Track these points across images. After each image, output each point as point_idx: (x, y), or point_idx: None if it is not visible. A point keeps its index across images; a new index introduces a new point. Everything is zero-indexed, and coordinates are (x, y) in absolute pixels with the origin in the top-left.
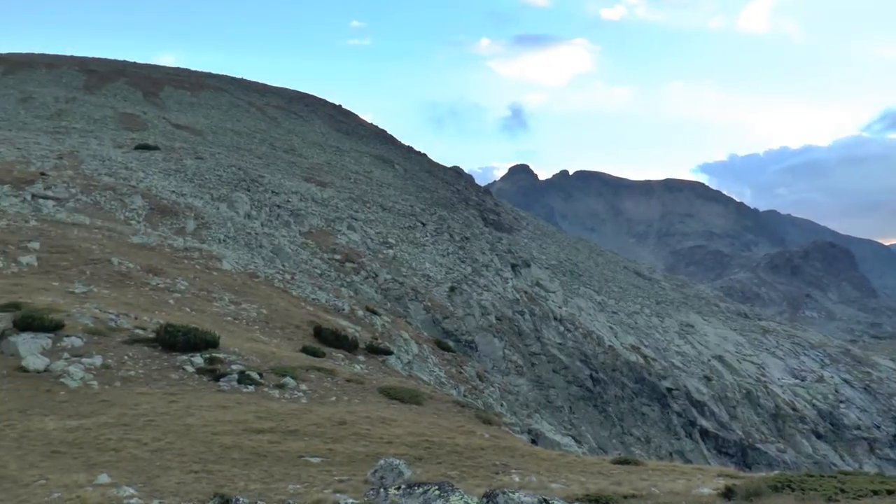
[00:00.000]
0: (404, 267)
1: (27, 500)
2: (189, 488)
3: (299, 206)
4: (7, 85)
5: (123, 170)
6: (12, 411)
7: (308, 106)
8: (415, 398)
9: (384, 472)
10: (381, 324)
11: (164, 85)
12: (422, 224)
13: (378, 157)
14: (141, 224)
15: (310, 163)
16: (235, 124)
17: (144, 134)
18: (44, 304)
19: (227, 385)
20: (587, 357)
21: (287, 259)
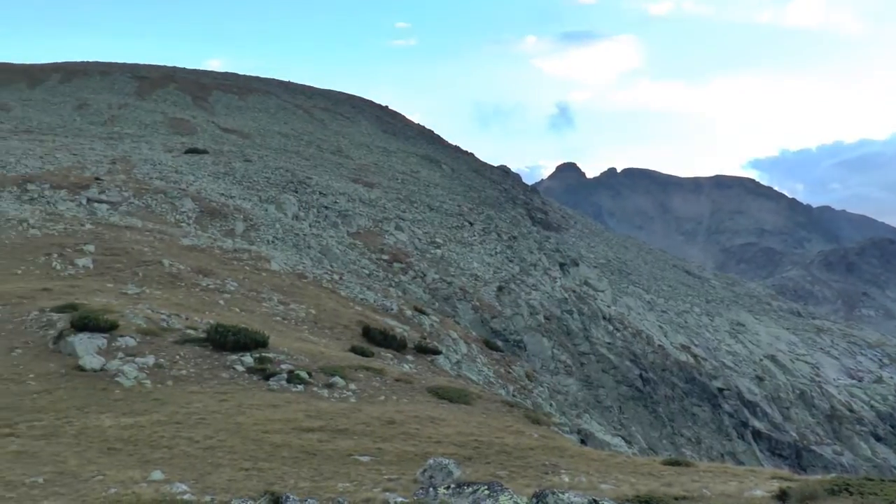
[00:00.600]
0: (452, 267)
1: (86, 496)
2: (240, 485)
3: (347, 206)
4: (64, 93)
5: (174, 173)
6: (71, 409)
7: (354, 107)
8: (464, 398)
9: (433, 471)
10: (429, 323)
11: (213, 90)
12: (469, 223)
13: (425, 157)
14: (191, 226)
15: (357, 164)
16: (283, 127)
17: (194, 138)
18: (99, 305)
19: (276, 384)
20: (636, 356)
21: (335, 259)
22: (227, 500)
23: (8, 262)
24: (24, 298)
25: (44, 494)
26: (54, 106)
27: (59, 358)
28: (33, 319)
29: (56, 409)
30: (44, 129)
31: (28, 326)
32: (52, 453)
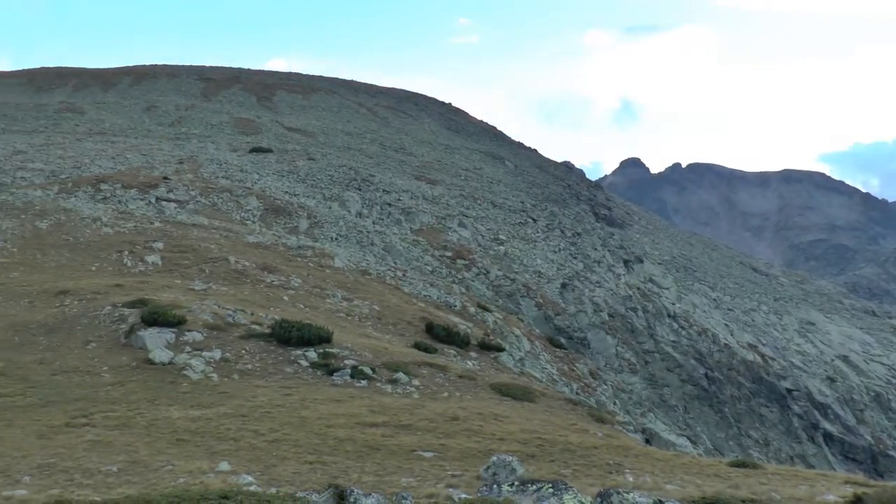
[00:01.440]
0: (515, 263)
1: (156, 484)
2: (304, 478)
3: (410, 203)
4: (133, 95)
5: (239, 172)
6: (141, 401)
7: (417, 105)
8: (527, 395)
9: (497, 468)
10: (492, 320)
11: (277, 89)
12: (533, 220)
13: (488, 154)
14: (256, 224)
15: (420, 161)
16: (346, 125)
17: (258, 137)
18: (167, 300)
19: (340, 379)
20: (702, 355)
21: (398, 256)
22: (292, 493)
23: (83, 259)
24: (98, 294)
25: (118, 482)
26: (125, 108)
27: (130, 351)
28: (106, 314)
29: (128, 401)
30: (115, 130)
31: (101, 321)
32: (125, 443)
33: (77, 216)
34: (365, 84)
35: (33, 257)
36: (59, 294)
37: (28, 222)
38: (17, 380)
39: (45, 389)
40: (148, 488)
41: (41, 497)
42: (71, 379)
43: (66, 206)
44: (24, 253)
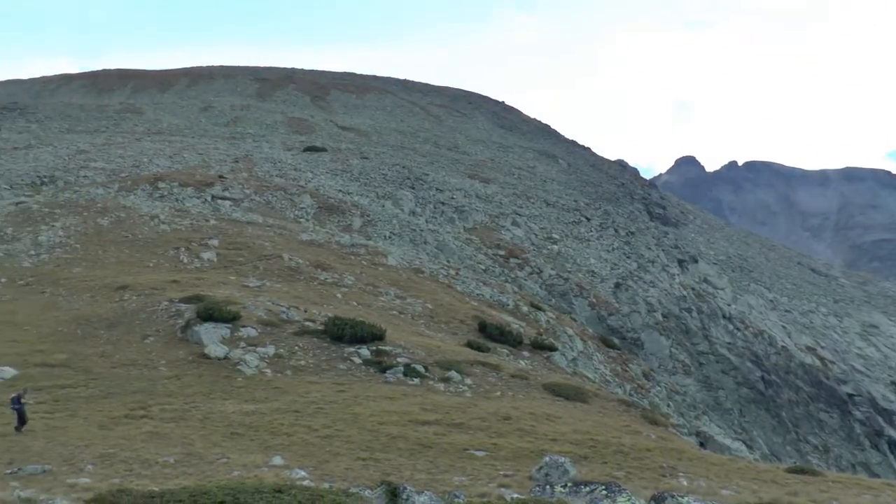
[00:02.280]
0: (569, 262)
1: (211, 477)
2: (357, 474)
3: (463, 202)
4: (190, 96)
5: (293, 171)
6: (197, 394)
7: (471, 103)
8: (580, 395)
9: (549, 469)
10: (545, 320)
11: (331, 89)
12: (586, 219)
13: (542, 152)
14: (309, 222)
15: (473, 160)
16: (399, 124)
17: (312, 136)
18: (223, 296)
19: (392, 377)
20: (758, 358)
21: (451, 255)
22: (345, 489)
23: (141, 256)
24: (156, 290)
25: (174, 473)
26: (182, 109)
27: (186, 346)
28: (163, 309)
29: (184, 394)
30: (173, 130)
31: (159, 316)
32: (181, 435)
33: (136, 213)
34: (419, 83)
35: (95, 253)
36: (119, 289)
37: (90, 219)
38: (80, 371)
39: (105, 381)
40: (203, 480)
41: (103, 485)
42: (130, 372)
43: (125, 204)
44: (87, 249)
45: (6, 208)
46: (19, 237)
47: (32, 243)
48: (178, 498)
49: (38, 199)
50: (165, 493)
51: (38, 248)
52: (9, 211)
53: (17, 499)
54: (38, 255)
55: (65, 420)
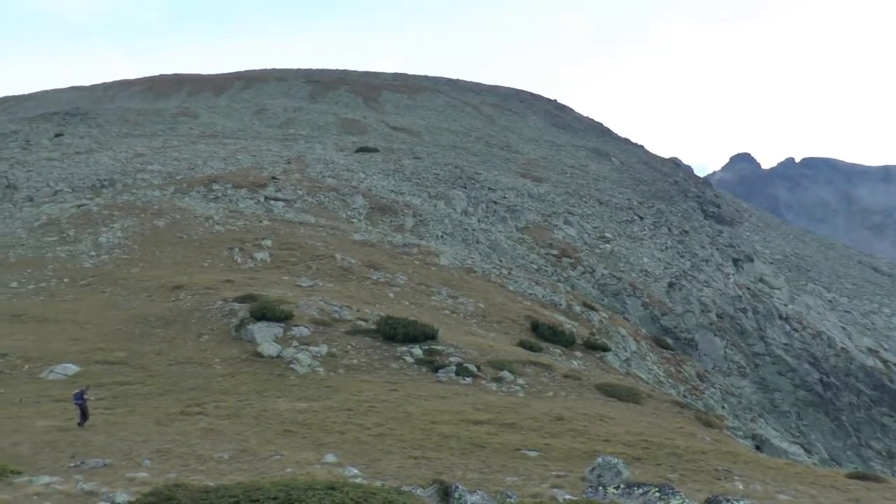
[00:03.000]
0: (622, 262)
1: (265, 473)
2: (409, 473)
3: (515, 201)
4: (244, 99)
5: (345, 171)
6: (251, 392)
7: (523, 102)
8: (633, 396)
9: (602, 470)
10: (598, 319)
11: (383, 90)
12: (639, 218)
13: (594, 151)
14: (362, 222)
15: (525, 158)
16: (451, 124)
17: (364, 137)
18: (276, 296)
19: (444, 376)
20: (816, 359)
21: (504, 254)
22: (397, 487)
23: (196, 256)
24: (210, 289)
25: (229, 469)
26: (236, 111)
27: (240, 344)
28: (217, 308)
29: (238, 392)
30: (227, 133)
31: (213, 315)
32: (235, 432)
33: (191, 215)
34: (470, 82)
35: (152, 254)
36: (175, 289)
37: (147, 221)
38: (137, 369)
39: (162, 379)
40: (257, 476)
41: (160, 480)
42: (185, 369)
43: (181, 206)
44: (144, 249)
45: (68, 211)
46: (80, 238)
47: (93, 244)
48: (233, 493)
49: (98, 202)
50: (220, 489)
51: (98, 249)
52: (71, 213)
53: (81, 491)
54: (98, 256)
55: (124, 416)
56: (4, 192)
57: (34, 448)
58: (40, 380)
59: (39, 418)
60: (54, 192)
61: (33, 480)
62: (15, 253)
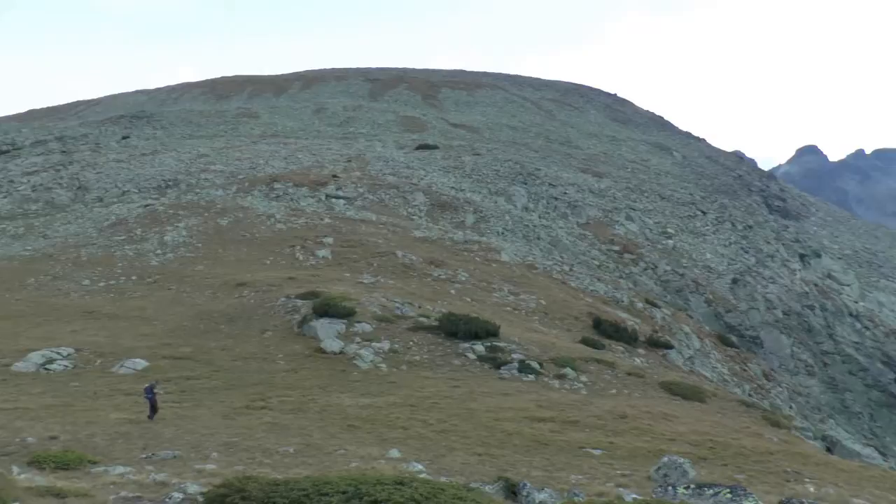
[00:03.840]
0: (684, 258)
1: (330, 467)
2: (473, 469)
3: (576, 197)
4: (304, 99)
5: (405, 169)
6: (314, 388)
7: (583, 96)
8: (697, 395)
9: (668, 469)
10: (660, 316)
11: (442, 87)
12: (702, 213)
13: (655, 145)
14: (422, 219)
15: (586, 154)
16: (511, 120)
17: (424, 134)
18: (338, 292)
19: (507, 373)
20: (890, 358)
21: (565, 250)
22: (463, 483)
23: (259, 254)
24: (273, 286)
25: (294, 463)
26: (296, 111)
27: (303, 340)
28: (280, 305)
29: (302, 387)
30: (287, 132)
31: (276, 311)
32: (300, 426)
33: (253, 213)
34: (529, 78)
35: (215, 252)
36: (238, 286)
37: (211, 220)
38: (203, 364)
39: (227, 373)
40: (322, 470)
41: (228, 472)
42: (249, 365)
43: (243, 205)
44: (208, 248)
45: (135, 210)
46: (147, 237)
47: (159, 243)
48: (302, 486)
49: (164, 202)
50: (289, 482)
51: (164, 248)
52: (137, 213)
53: (153, 481)
54: (164, 254)
55: (191, 409)
56: (76, 194)
57: (108, 439)
58: (112, 374)
59: (112, 411)
60: (122, 192)
61: (109, 470)
62: (87, 252)
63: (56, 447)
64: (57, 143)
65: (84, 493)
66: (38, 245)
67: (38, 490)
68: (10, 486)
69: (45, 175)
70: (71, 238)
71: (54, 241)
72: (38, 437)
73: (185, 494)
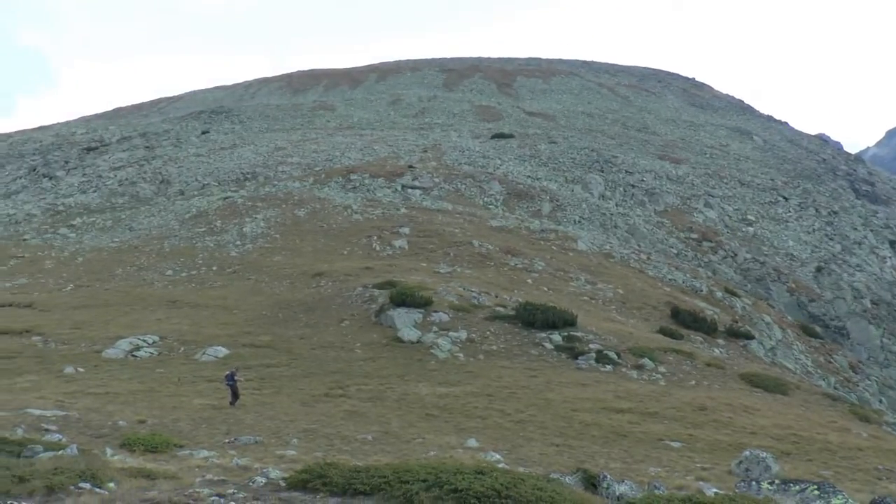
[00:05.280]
0: (765, 245)
1: (408, 455)
2: (551, 460)
3: (654, 184)
4: (379, 90)
5: (481, 158)
6: (392, 376)
7: (660, 81)
8: (780, 387)
9: (749, 463)
10: (740, 306)
11: (517, 76)
12: (784, 198)
13: (735, 129)
14: (499, 208)
15: (663, 140)
16: (587, 107)
17: (499, 123)
18: (414, 282)
19: (584, 363)
20: None
21: (642, 239)
22: (541, 473)
23: (336, 244)
24: (350, 276)
25: (373, 450)
26: (371, 103)
27: (380, 329)
28: (357, 295)
29: (379, 375)
30: (363, 124)
31: (353, 301)
32: (378, 414)
33: (330, 204)
34: (605, 63)
35: (293, 242)
36: (316, 276)
37: (288, 211)
38: (282, 352)
39: (306, 362)
40: (400, 458)
41: (308, 458)
42: (328, 353)
43: (320, 196)
44: (286, 238)
45: (215, 203)
46: (227, 229)
47: (238, 234)
48: (382, 474)
49: (242, 194)
50: (370, 469)
51: (243, 239)
52: (217, 205)
53: (236, 466)
54: (243, 245)
55: (271, 396)
56: (159, 187)
57: (192, 424)
58: (194, 361)
59: (195, 397)
60: (202, 185)
61: (194, 454)
62: (169, 243)
63: (144, 430)
64: (141, 139)
65: (172, 476)
66: (124, 237)
67: (130, 471)
68: (105, 467)
69: (130, 170)
70: (154, 230)
71: (139, 234)
72: (127, 420)
73: (268, 479)
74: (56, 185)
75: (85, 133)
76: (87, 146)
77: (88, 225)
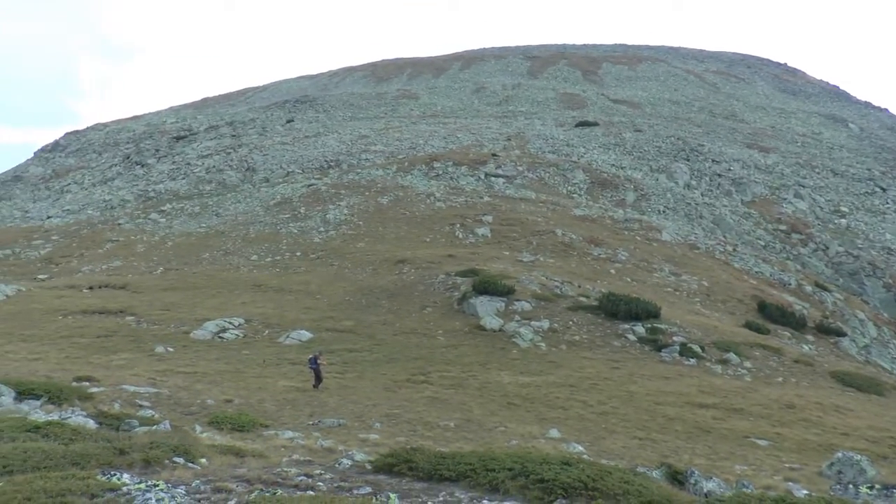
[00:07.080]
0: (859, 238)
1: (490, 443)
2: (634, 453)
3: (741, 173)
4: (463, 79)
5: (565, 146)
6: (473, 364)
7: (749, 67)
8: (875, 387)
9: (842, 466)
10: (832, 301)
11: (602, 62)
12: (881, 189)
13: (828, 117)
14: (582, 197)
15: (752, 128)
16: (673, 94)
17: (584, 111)
18: (497, 270)
19: (668, 356)
20: None
21: (728, 230)
22: (625, 466)
23: (419, 232)
24: (433, 263)
25: (455, 437)
26: (455, 91)
27: (462, 317)
28: (440, 282)
29: (461, 363)
30: (446, 112)
31: (436, 288)
32: (460, 402)
33: (413, 192)
34: (692, 50)
35: (376, 229)
36: (398, 263)
37: (371, 198)
38: (365, 337)
39: (388, 347)
40: (483, 446)
41: (391, 442)
42: (410, 339)
43: (403, 184)
44: (369, 225)
45: (299, 190)
46: (310, 215)
47: (322, 221)
48: (468, 461)
49: (326, 181)
50: (455, 455)
51: (326, 226)
52: (301, 192)
53: (321, 447)
54: (326, 232)
55: (354, 381)
56: (245, 175)
57: (277, 405)
58: (279, 344)
59: (280, 378)
60: (287, 173)
61: (279, 434)
62: (254, 229)
63: (231, 410)
64: (228, 127)
65: (259, 454)
66: (211, 223)
67: (220, 448)
68: (197, 444)
69: (217, 158)
70: (240, 216)
71: (225, 219)
72: (215, 399)
73: (353, 461)
74: (147, 173)
75: (174, 122)
76: (176, 135)
77: (177, 211)
